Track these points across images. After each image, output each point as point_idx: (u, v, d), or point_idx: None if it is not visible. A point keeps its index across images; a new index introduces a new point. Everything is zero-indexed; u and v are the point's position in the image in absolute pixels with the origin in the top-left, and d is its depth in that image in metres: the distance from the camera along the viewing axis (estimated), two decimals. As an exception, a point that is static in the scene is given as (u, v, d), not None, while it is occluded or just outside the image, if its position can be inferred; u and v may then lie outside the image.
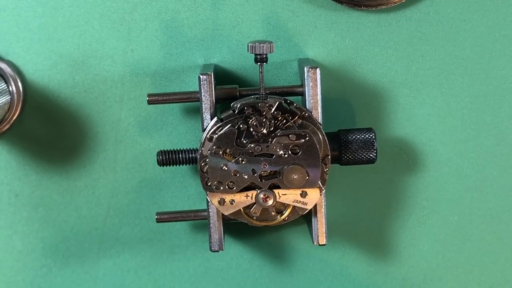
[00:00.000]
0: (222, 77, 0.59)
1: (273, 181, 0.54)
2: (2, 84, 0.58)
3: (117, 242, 0.62)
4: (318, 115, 0.55)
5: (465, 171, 0.62)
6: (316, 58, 0.60)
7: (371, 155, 0.57)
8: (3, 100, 0.57)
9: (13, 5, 0.58)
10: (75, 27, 0.59)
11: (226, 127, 0.54)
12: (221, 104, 0.57)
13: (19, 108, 0.59)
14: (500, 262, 0.63)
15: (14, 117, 0.59)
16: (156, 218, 0.59)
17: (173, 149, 0.57)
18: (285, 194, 0.54)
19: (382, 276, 0.63)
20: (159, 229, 0.62)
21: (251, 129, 0.53)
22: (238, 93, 0.56)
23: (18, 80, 0.59)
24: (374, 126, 0.60)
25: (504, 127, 0.61)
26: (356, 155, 0.57)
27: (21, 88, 0.59)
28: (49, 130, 0.60)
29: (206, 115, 0.55)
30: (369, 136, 0.57)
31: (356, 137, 0.57)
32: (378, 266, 0.63)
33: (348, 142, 0.57)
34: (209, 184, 0.54)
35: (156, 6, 0.59)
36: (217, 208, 0.55)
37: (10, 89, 0.58)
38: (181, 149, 0.57)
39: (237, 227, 0.61)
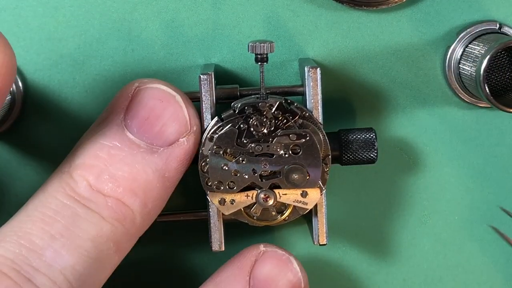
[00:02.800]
0: (223, 77, 0.59)
1: (274, 181, 0.54)
2: (3, 83, 0.58)
3: (117, 242, 0.62)
4: (318, 115, 0.55)
5: (465, 171, 0.62)
6: (317, 58, 0.60)
7: (372, 155, 0.57)
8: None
9: (13, 5, 0.58)
10: (76, 27, 0.59)
11: (227, 127, 0.54)
12: (221, 105, 0.56)
13: (19, 108, 0.59)
14: (500, 262, 0.63)
15: (14, 117, 0.59)
16: (156, 219, 0.59)
17: None
18: (285, 194, 0.54)
19: (382, 276, 0.63)
20: (159, 229, 0.62)
21: (252, 129, 0.53)
22: (238, 93, 0.56)
23: (18, 80, 0.59)
24: (375, 126, 0.60)
25: (505, 127, 0.61)
26: (356, 155, 0.57)
27: (21, 88, 0.59)
28: (50, 130, 0.60)
29: (207, 115, 0.55)
30: (369, 136, 0.57)
31: (356, 137, 0.57)
32: (378, 266, 0.63)
33: (349, 142, 0.57)
34: (209, 184, 0.54)
35: (157, 6, 0.59)
36: (217, 208, 0.55)
37: (10, 89, 0.58)
38: None
39: (237, 227, 0.61)
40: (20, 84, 0.59)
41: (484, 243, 0.63)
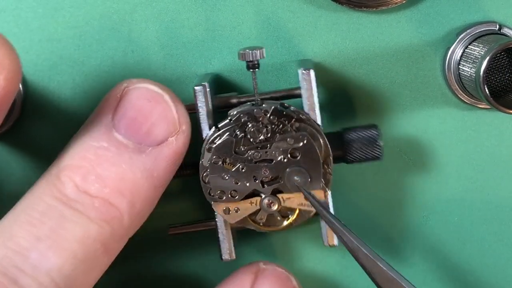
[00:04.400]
0: (224, 81, 0.59)
1: (276, 186, 0.54)
2: (2, 85, 0.58)
3: (117, 242, 0.62)
4: (316, 116, 0.55)
5: (465, 172, 0.62)
6: (316, 59, 0.60)
7: (376, 152, 0.56)
8: (3, 101, 0.57)
9: (13, 5, 0.58)
10: (75, 28, 0.59)
11: (224, 137, 0.53)
12: (221, 113, 0.56)
13: (19, 109, 0.59)
14: (500, 262, 0.63)
15: (14, 118, 0.59)
16: (169, 233, 0.59)
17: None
18: (289, 198, 0.54)
19: (382, 277, 0.63)
20: (159, 230, 0.62)
21: (249, 136, 0.53)
22: (236, 101, 0.56)
23: (18, 81, 0.59)
24: (374, 127, 0.61)
25: (505, 128, 0.61)
26: (360, 153, 0.56)
27: (21, 89, 0.59)
28: (49, 131, 0.60)
29: (204, 126, 0.54)
30: (372, 133, 0.56)
31: (359, 135, 0.57)
32: (378, 267, 0.63)
33: (352, 140, 0.56)
34: (212, 194, 0.54)
35: (157, 7, 0.59)
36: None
37: (11, 90, 0.58)
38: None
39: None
40: (20, 85, 0.59)
41: (484, 243, 0.63)
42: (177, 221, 0.60)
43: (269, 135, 0.53)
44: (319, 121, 0.55)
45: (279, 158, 0.53)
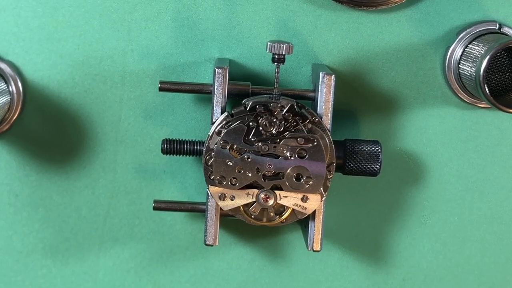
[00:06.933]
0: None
1: (276, 182, 0.54)
2: (2, 84, 0.58)
3: (117, 242, 0.62)
4: (328, 121, 0.55)
5: (465, 171, 0.62)
6: (315, 58, 0.59)
7: (375, 168, 0.56)
8: (3, 100, 0.57)
9: (13, 5, 0.58)
10: (75, 27, 0.59)
11: (236, 123, 0.53)
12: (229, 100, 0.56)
13: (19, 108, 0.59)
14: (500, 262, 0.63)
15: (14, 117, 0.59)
16: (153, 206, 0.59)
17: (179, 139, 0.57)
18: (286, 197, 0.54)
19: (382, 276, 0.63)
20: (159, 229, 0.62)
21: (260, 128, 0.53)
22: (250, 91, 0.56)
23: (18, 80, 0.59)
24: (373, 126, 0.60)
25: (505, 127, 0.61)
26: (360, 165, 0.56)
27: (21, 88, 0.59)
28: (49, 130, 0.60)
29: (217, 109, 0.54)
30: (375, 148, 0.56)
31: (362, 148, 0.56)
32: (378, 266, 0.63)
33: (354, 152, 0.56)
34: (212, 178, 0.54)
35: (156, 6, 0.59)
36: (216, 203, 0.55)
37: (10, 89, 0.58)
38: (187, 139, 0.57)
39: (237, 227, 0.61)
40: (20, 84, 0.59)
41: (484, 243, 0.63)
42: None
43: (280, 130, 0.53)
44: (329, 127, 0.55)
45: (286, 155, 0.53)
